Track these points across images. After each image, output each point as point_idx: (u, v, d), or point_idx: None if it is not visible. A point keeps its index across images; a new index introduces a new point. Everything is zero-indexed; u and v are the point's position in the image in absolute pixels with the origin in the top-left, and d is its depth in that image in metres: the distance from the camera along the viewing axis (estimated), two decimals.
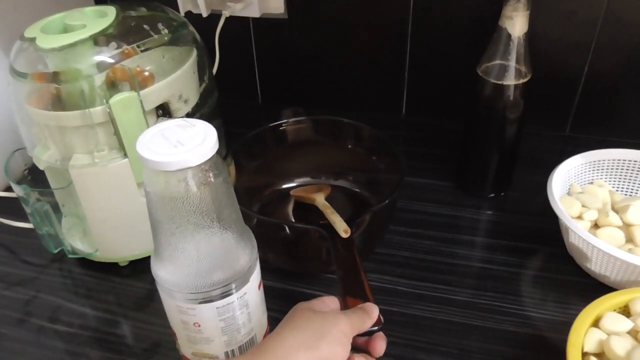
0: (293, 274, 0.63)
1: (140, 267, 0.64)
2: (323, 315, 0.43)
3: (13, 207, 0.71)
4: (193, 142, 0.39)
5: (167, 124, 0.42)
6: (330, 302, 0.46)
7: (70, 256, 0.64)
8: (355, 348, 0.45)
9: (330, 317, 0.42)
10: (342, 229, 0.56)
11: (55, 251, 0.63)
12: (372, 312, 0.46)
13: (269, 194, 0.72)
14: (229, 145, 0.69)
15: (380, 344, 0.46)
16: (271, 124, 0.71)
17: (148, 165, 0.39)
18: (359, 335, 0.44)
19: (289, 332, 0.41)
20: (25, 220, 0.66)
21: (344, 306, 0.47)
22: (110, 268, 0.64)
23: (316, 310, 0.44)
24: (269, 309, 0.53)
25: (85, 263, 0.65)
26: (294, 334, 0.40)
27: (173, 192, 0.39)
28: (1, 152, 0.75)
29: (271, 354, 0.39)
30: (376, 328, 0.45)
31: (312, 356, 0.39)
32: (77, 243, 0.64)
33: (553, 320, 0.56)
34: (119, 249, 0.63)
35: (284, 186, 0.73)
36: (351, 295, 0.48)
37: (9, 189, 0.76)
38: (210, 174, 0.40)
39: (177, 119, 0.42)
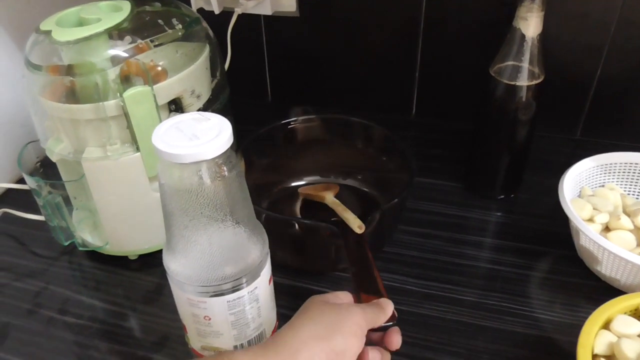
0: (301, 271, 0.63)
1: (150, 261, 0.64)
2: (337, 307, 0.43)
3: (25, 200, 0.72)
4: (208, 135, 0.39)
5: (182, 117, 0.42)
6: (344, 297, 0.47)
7: (80, 249, 0.64)
8: (370, 344, 0.45)
9: (345, 310, 0.42)
10: (357, 224, 0.56)
11: (66, 244, 0.64)
12: (386, 307, 0.46)
13: (277, 192, 0.72)
14: (239, 143, 0.69)
15: (396, 338, 0.46)
16: (281, 122, 0.71)
17: (163, 157, 0.39)
18: (373, 330, 0.44)
19: (303, 323, 0.41)
20: (37, 212, 0.66)
21: (358, 303, 0.47)
22: (120, 261, 0.65)
23: (330, 303, 0.44)
24: (277, 305, 0.53)
25: (95, 256, 0.66)
26: (308, 326, 0.41)
27: (187, 184, 0.40)
28: (14, 144, 0.75)
29: (285, 345, 0.39)
30: (391, 324, 0.45)
31: (326, 348, 0.39)
32: (88, 236, 0.65)
33: (561, 322, 0.56)
34: (129, 243, 0.63)
35: (293, 184, 0.73)
36: (365, 292, 0.48)
37: (20, 181, 0.76)
38: (225, 168, 0.40)
39: (192, 113, 0.42)
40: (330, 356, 0.39)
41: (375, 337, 0.46)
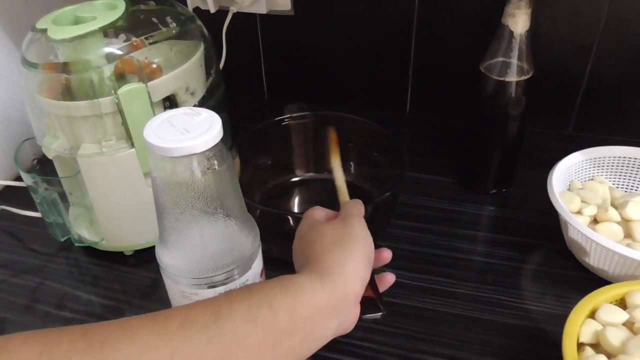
0: None
1: (146, 257, 0.65)
2: (340, 223, 0.47)
3: (21, 197, 0.72)
4: (199, 129, 0.40)
5: (174, 112, 0.43)
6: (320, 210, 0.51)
7: (76, 245, 0.65)
8: None
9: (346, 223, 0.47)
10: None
11: (62, 240, 0.64)
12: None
13: (272, 188, 0.73)
14: (234, 139, 0.70)
15: (387, 254, 0.51)
16: (275, 119, 0.72)
17: (154, 151, 0.40)
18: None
19: (329, 247, 0.44)
20: (33, 209, 0.67)
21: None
22: (115, 257, 0.66)
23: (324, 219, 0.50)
24: None
25: (92, 252, 0.66)
26: (333, 245, 0.44)
27: (178, 178, 0.40)
28: (11, 142, 0.76)
29: (331, 266, 0.42)
30: (379, 315, 0.46)
31: (360, 255, 0.44)
32: (84, 232, 0.65)
33: (552, 313, 0.57)
34: (125, 238, 0.64)
35: (287, 180, 0.74)
36: None
37: (17, 179, 0.77)
38: (215, 161, 0.41)
39: (184, 108, 0.43)
40: (365, 261, 0.44)
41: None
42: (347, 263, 0.42)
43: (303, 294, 0.39)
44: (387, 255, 0.51)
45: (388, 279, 0.51)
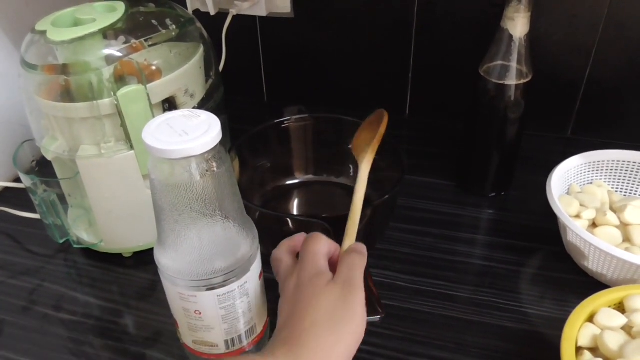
0: None
1: (144, 259, 0.65)
2: (329, 287, 0.42)
3: (20, 198, 0.72)
4: (197, 131, 0.40)
5: (173, 114, 0.43)
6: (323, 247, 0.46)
7: (75, 246, 0.65)
8: None
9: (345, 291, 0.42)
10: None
11: (61, 241, 0.64)
12: (362, 249, 0.47)
13: (271, 190, 0.73)
14: (234, 142, 0.70)
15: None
16: (274, 121, 0.72)
17: (153, 153, 0.40)
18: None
19: (306, 315, 0.40)
20: (32, 211, 0.67)
21: None
22: (114, 259, 0.66)
23: (307, 279, 0.43)
24: (269, 300, 0.54)
25: (90, 253, 0.66)
26: (315, 320, 0.40)
27: (177, 180, 0.40)
28: (10, 143, 0.76)
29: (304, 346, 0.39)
30: (378, 318, 0.46)
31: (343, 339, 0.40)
32: (82, 234, 0.65)
33: (550, 317, 0.57)
34: (124, 240, 0.64)
35: (287, 183, 0.74)
36: None
37: (16, 180, 0.77)
38: (214, 163, 0.41)
39: (182, 110, 0.43)
40: (354, 344, 0.40)
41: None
42: (334, 350, 0.39)
43: None
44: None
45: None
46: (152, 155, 0.40)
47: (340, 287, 0.42)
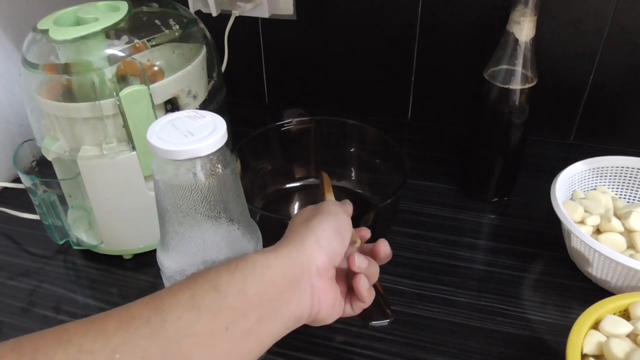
0: None
1: (144, 261, 0.65)
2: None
3: (19, 199, 0.72)
4: (203, 132, 0.40)
5: (177, 115, 0.42)
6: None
7: (75, 248, 0.65)
8: None
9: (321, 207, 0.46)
10: None
11: (61, 242, 0.64)
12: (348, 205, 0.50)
13: (272, 193, 0.73)
14: (235, 144, 0.69)
15: (383, 247, 0.48)
16: (276, 123, 0.72)
17: (158, 153, 0.39)
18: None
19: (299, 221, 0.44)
20: (32, 211, 0.67)
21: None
22: (114, 260, 0.65)
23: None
24: None
25: (90, 255, 0.66)
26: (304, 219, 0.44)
27: (182, 181, 0.40)
28: (10, 143, 0.76)
29: (292, 236, 0.42)
30: (387, 322, 0.46)
31: (329, 225, 0.43)
32: (82, 235, 0.65)
33: (553, 323, 0.57)
34: (124, 242, 0.64)
35: (288, 185, 0.74)
36: None
37: (16, 180, 0.76)
38: (219, 165, 0.40)
39: (187, 110, 0.43)
40: (331, 233, 0.42)
41: (364, 250, 0.48)
42: (309, 236, 0.41)
43: (255, 269, 0.38)
44: (364, 233, 0.51)
45: (382, 251, 0.48)
46: (157, 156, 0.40)
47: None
